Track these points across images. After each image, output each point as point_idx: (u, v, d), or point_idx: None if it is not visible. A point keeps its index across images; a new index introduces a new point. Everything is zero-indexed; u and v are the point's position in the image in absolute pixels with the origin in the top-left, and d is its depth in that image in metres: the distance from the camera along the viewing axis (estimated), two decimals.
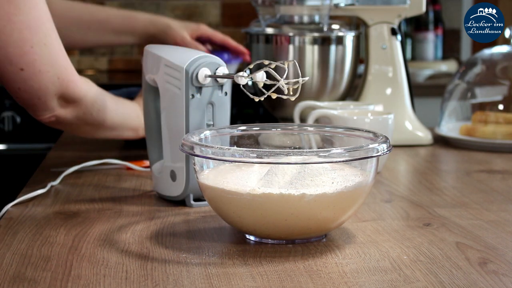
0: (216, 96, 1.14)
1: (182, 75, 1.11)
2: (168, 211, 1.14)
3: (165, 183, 1.18)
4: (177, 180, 1.15)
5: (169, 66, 1.14)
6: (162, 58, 1.15)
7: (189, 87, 1.11)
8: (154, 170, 1.22)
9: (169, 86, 1.14)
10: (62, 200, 1.20)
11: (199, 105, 1.12)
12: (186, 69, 1.11)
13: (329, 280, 0.86)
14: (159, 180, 1.20)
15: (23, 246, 0.98)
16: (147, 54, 1.20)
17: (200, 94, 1.12)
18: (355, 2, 1.67)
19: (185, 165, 1.14)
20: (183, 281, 0.86)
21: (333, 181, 0.95)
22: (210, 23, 3.36)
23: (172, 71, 1.13)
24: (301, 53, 1.62)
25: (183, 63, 1.12)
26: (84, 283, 0.85)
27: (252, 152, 0.93)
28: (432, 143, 1.68)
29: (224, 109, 1.15)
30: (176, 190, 1.16)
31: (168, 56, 1.15)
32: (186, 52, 1.17)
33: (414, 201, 1.22)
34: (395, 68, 1.69)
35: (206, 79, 1.12)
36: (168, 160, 1.17)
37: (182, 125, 1.13)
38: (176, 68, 1.13)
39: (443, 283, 0.84)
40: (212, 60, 1.13)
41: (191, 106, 1.12)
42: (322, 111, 1.44)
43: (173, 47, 1.22)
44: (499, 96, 1.72)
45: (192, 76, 1.11)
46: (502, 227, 1.06)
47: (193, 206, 1.15)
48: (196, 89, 1.12)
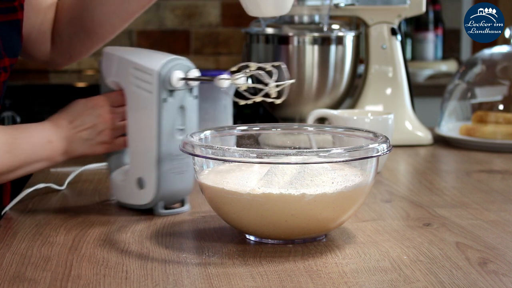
0: (187, 100, 1.10)
1: (154, 78, 1.07)
2: None
3: (130, 191, 1.13)
4: (146, 187, 1.10)
5: (138, 69, 1.10)
6: (130, 61, 1.11)
7: (162, 90, 1.07)
8: (115, 178, 1.17)
9: (138, 90, 1.10)
10: (62, 200, 1.20)
11: (171, 109, 1.08)
12: (159, 72, 1.07)
13: (329, 280, 0.86)
14: (121, 188, 1.15)
15: (23, 246, 0.98)
16: (108, 57, 1.15)
17: (172, 97, 1.08)
18: (355, 2, 1.67)
19: (155, 172, 1.09)
20: (183, 281, 0.86)
21: (333, 181, 0.95)
22: (210, 23, 3.37)
23: (142, 74, 1.09)
24: (301, 53, 1.62)
25: (155, 66, 1.08)
26: (84, 283, 0.85)
27: (252, 152, 0.93)
28: (432, 143, 1.68)
29: (194, 113, 1.11)
30: (143, 198, 1.11)
31: (137, 59, 1.11)
32: (155, 54, 1.12)
33: (414, 201, 1.22)
34: (395, 68, 1.69)
35: (179, 82, 1.08)
36: (135, 167, 1.12)
37: (153, 130, 1.08)
38: (147, 71, 1.08)
39: (443, 283, 0.84)
40: (183, 62, 1.09)
41: (163, 110, 1.08)
42: (322, 111, 1.44)
43: (137, 49, 1.17)
44: (499, 96, 1.72)
45: (165, 79, 1.07)
46: (502, 227, 1.06)
47: (162, 214, 1.10)
48: (169, 92, 1.08)
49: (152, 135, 1.09)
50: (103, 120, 1.14)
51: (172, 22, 3.33)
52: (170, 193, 1.11)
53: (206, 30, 3.37)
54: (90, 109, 1.14)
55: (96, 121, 1.14)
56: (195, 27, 3.37)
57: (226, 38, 3.38)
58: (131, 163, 1.13)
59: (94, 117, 1.14)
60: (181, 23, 3.36)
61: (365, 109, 1.67)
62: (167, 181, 1.10)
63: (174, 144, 1.09)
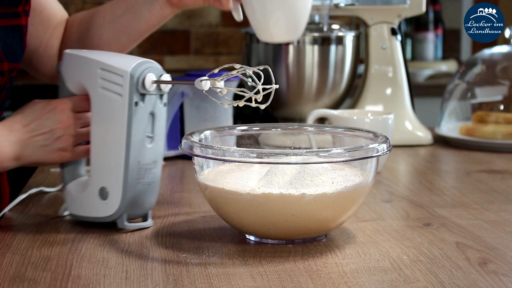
0: (157, 106, 1.03)
1: (126, 80, 1.00)
2: (168, 211, 1.14)
3: (90, 203, 1.05)
4: (110, 198, 1.03)
5: (107, 70, 1.02)
6: (98, 61, 1.04)
7: (134, 93, 1.00)
8: (71, 190, 1.08)
9: (107, 92, 1.02)
10: (62, 200, 1.20)
11: (142, 115, 1.01)
12: (131, 73, 1.00)
13: (329, 280, 0.86)
14: (78, 200, 1.07)
15: (23, 246, 0.98)
16: (70, 59, 1.08)
17: (144, 102, 1.01)
18: (355, 2, 1.67)
19: (121, 181, 1.02)
20: (183, 281, 0.86)
21: (333, 181, 0.95)
22: (210, 23, 3.37)
23: (111, 76, 1.02)
24: (301, 53, 1.62)
25: (126, 67, 1.01)
26: (84, 283, 0.85)
27: (252, 152, 0.93)
28: (432, 143, 1.68)
29: (163, 122, 1.05)
30: (106, 209, 1.03)
31: (105, 59, 1.04)
32: (124, 56, 1.06)
33: (414, 201, 1.22)
34: (395, 68, 1.69)
35: (152, 86, 1.01)
36: (98, 176, 1.04)
37: (122, 137, 1.01)
38: (117, 72, 1.01)
39: (443, 283, 0.84)
40: (155, 65, 1.03)
41: (134, 115, 1.01)
42: (322, 111, 1.44)
43: (102, 52, 1.11)
44: (499, 96, 1.72)
45: (138, 81, 1.00)
46: (502, 227, 1.06)
47: (127, 227, 1.03)
48: (140, 96, 1.01)
49: (120, 141, 1.01)
50: (62, 126, 1.05)
51: (172, 22, 3.33)
52: (135, 205, 1.04)
53: (206, 30, 3.37)
54: (49, 113, 1.06)
55: (54, 126, 1.05)
56: (195, 27, 3.37)
57: (226, 38, 3.38)
58: (93, 172, 1.05)
59: (52, 121, 1.05)
60: (181, 23, 3.36)
61: (365, 109, 1.67)
62: (133, 192, 1.03)
63: (143, 152, 1.02)
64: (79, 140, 1.08)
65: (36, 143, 1.05)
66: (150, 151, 1.03)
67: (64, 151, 1.07)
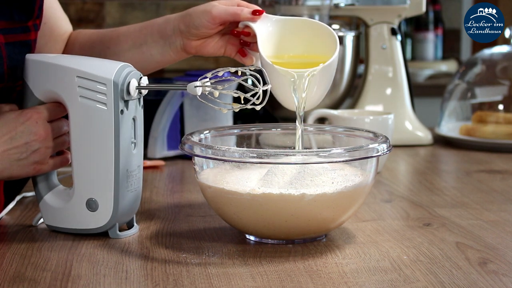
0: (138, 110, 1.00)
1: (110, 88, 0.96)
2: (168, 211, 1.14)
3: (75, 215, 1.01)
4: (100, 209, 0.99)
5: (86, 78, 0.97)
6: (74, 69, 0.98)
7: (119, 101, 0.96)
8: (49, 202, 1.03)
9: (87, 101, 0.97)
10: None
11: (127, 122, 0.98)
12: (115, 81, 0.96)
13: (329, 280, 0.86)
14: (59, 213, 1.02)
15: (23, 246, 0.98)
16: (36, 66, 1.01)
17: (128, 109, 0.98)
18: (355, 2, 1.67)
19: (111, 192, 0.98)
20: (183, 281, 0.85)
21: (333, 181, 0.95)
22: None
23: (91, 84, 0.97)
24: None
25: (108, 74, 0.96)
26: (84, 283, 0.85)
27: (252, 152, 0.93)
28: (432, 143, 1.68)
29: (142, 124, 1.01)
30: (96, 221, 1.00)
31: (81, 66, 0.98)
32: (100, 60, 1.01)
33: (414, 201, 1.22)
34: (395, 68, 1.69)
35: (135, 92, 0.98)
36: (84, 188, 0.99)
37: (109, 146, 0.97)
38: (98, 80, 0.96)
39: (443, 283, 0.84)
40: (132, 69, 0.99)
41: (120, 123, 0.97)
42: (322, 111, 1.44)
43: (68, 56, 1.03)
44: (499, 96, 1.72)
45: (122, 89, 0.96)
46: (502, 227, 1.06)
47: (120, 237, 1.00)
48: (125, 103, 0.97)
49: (108, 150, 0.97)
50: (38, 138, 0.99)
51: None
52: (125, 214, 1.01)
53: None
54: (23, 124, 0.99)
55: (30, 139, 0.99)
56: None
57: None
58: (78, 184, 1.00)
59: (27, 134, 0.98)
60: None
61: (365, 109, 1.67)
62: (124, 201, 1.00)
63: (130, 159, 0.99)
64: (55, 150, 1.03)
65: (11, 157, 0.98)
66: (135, 157, 1.00)
67: (41, 164, 1.01)
